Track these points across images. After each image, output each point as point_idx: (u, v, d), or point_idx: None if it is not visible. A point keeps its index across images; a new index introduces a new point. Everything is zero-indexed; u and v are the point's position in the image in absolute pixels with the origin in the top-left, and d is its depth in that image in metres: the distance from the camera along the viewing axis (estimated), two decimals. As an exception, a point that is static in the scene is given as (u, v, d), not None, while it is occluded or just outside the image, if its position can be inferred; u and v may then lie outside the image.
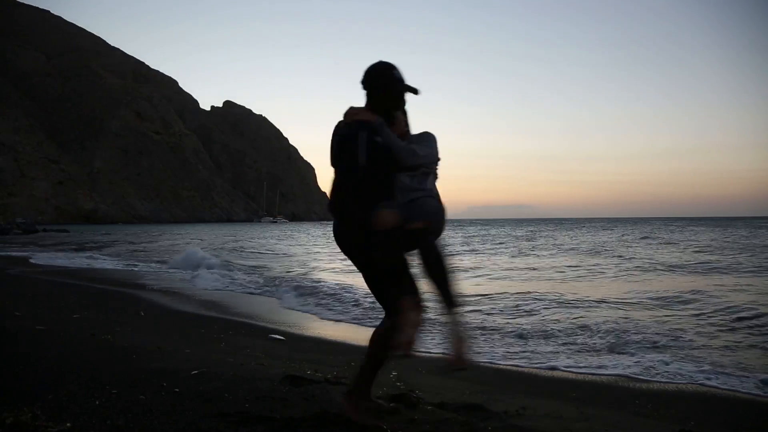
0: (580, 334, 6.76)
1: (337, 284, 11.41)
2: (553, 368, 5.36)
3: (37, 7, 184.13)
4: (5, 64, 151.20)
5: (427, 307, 2.58)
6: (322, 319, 8.42)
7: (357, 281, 10.12)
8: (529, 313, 8.40)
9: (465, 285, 11.79)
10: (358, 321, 8.04)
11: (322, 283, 11.77)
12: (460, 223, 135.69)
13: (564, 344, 6.36)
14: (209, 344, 5.22)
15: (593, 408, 3.69)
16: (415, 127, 2.84)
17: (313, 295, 10.53)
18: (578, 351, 6.07)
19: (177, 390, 3.15)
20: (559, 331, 6.98)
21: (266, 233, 57.23)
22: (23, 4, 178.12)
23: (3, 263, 16.47)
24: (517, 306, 8.98)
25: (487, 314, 8.23)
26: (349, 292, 10.29)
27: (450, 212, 2.74)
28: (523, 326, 7.28)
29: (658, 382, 5.02)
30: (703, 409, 4.16)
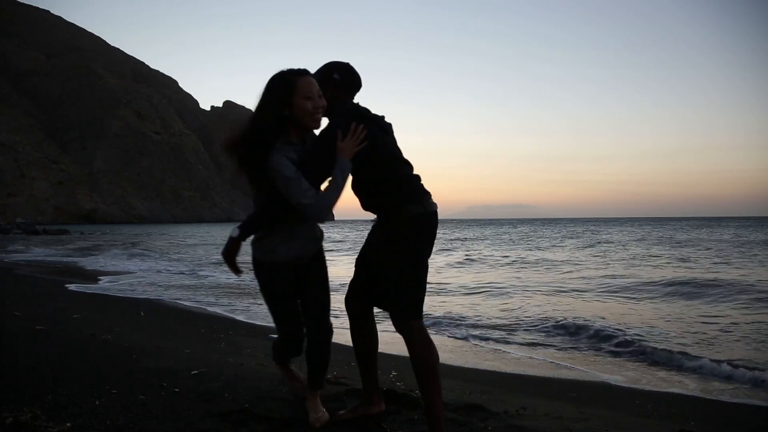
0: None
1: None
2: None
3: (37, 7, 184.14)
4: (5, 64, 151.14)
5: None
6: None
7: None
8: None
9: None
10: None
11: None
12: (455, 223, 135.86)
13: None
14: (209, 344, 5.22)
15: (593, 408, 3.69)
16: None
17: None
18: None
19: (177, 390, 3.14)
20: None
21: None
22: (23, 4, 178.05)
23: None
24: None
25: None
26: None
27: (449, 212, 2.69)
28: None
29: (657, 382, 5.02)
30: (703, 409, 4.16)
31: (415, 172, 2.61)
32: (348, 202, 2.63)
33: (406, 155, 2.63)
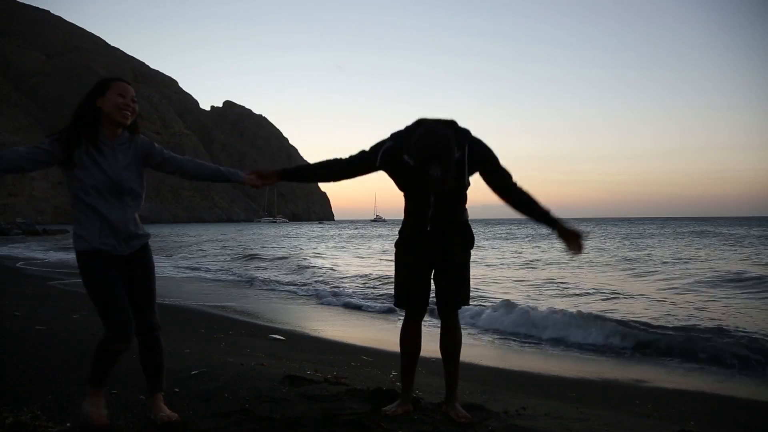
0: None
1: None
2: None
3: (37, 7, 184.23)
4: (5, 64, 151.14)
5: None
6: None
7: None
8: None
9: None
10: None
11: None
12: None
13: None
14: (209, 344, 5.22)
15: (593, 408, 3.69)
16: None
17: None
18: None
19: (177, 390, 3.15)
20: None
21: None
22: (23, 4, 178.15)
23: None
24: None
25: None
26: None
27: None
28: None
29: (658, 381, 5.03)
30: (703, 409, 4.16)
31: None
32: (348, 204, 2.69)
33: None
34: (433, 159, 2.39)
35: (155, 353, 2.67)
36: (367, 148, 2.73)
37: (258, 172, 2.79)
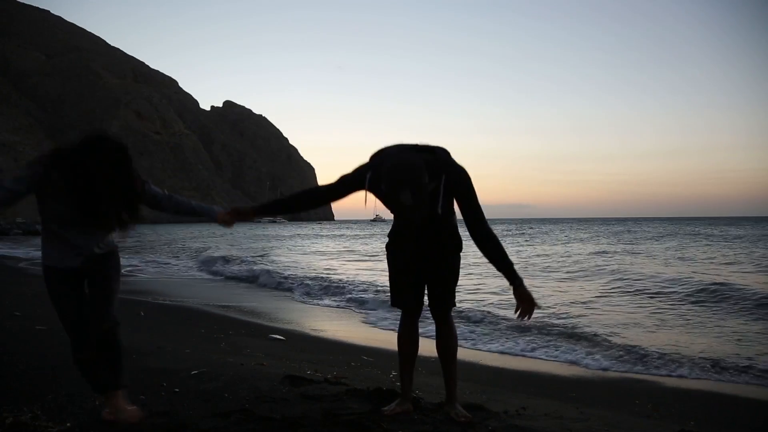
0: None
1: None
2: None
3: (37, 7, 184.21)
4: (5, 64, 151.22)
5: None
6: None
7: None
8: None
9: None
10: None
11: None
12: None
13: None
14: (209, 344, 5.22)
15: (593, 408, 3.69)
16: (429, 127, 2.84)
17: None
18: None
19: (177, 390, 3.15)
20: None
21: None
22: (23, 4, 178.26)
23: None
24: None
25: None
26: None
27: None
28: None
29: (658, 381, 5.03)
30: (703, 409, 4.16)
31: None
32: (348, 205, 2.73)
33: None
34: (403, 185, 2.36)
35: (110, 348, 2.64)
36: (346, 172, 2.74)
37: (234, 210, 2.88)
